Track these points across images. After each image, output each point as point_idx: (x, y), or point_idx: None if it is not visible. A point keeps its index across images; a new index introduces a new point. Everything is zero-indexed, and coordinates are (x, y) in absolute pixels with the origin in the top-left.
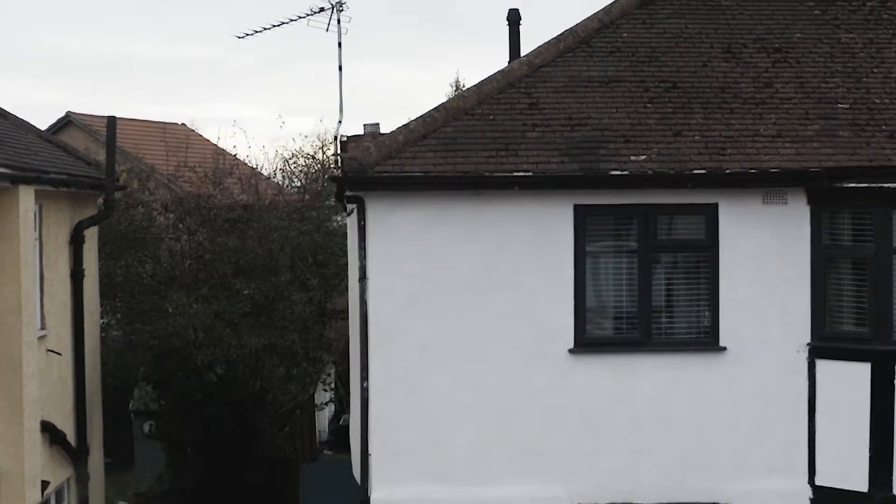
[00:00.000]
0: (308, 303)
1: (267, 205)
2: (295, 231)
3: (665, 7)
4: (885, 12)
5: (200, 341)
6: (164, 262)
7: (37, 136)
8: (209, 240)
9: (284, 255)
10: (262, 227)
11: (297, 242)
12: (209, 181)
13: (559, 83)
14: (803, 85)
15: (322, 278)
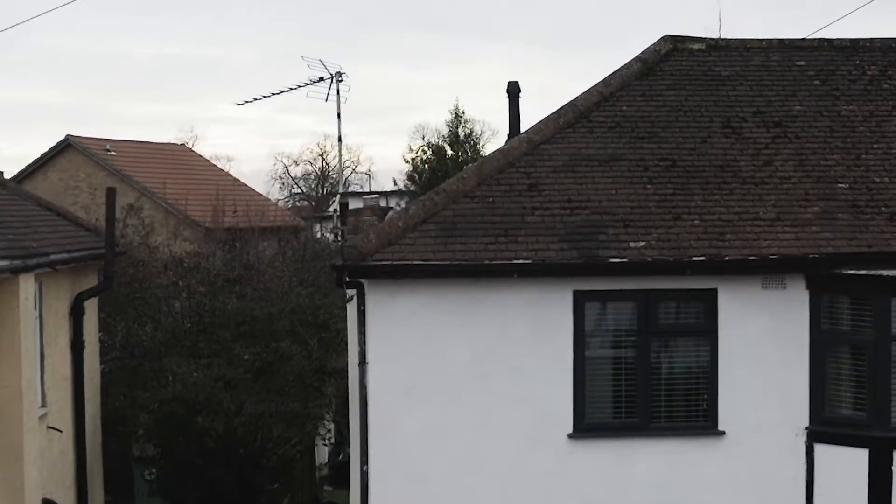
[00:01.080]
0: (308, 358)
1: (267, 263)
2: (295, 295)
3: (665, 78)
4: (885, 82)
5: (200, 404)
6: (165, 321)
7: (36, 204)
8: (209, 298)
9: (284, 318)
10: (262, 289)
11: (296, 305)
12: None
13: (559, 162)
14: (803, 162)
15: (321, 341)
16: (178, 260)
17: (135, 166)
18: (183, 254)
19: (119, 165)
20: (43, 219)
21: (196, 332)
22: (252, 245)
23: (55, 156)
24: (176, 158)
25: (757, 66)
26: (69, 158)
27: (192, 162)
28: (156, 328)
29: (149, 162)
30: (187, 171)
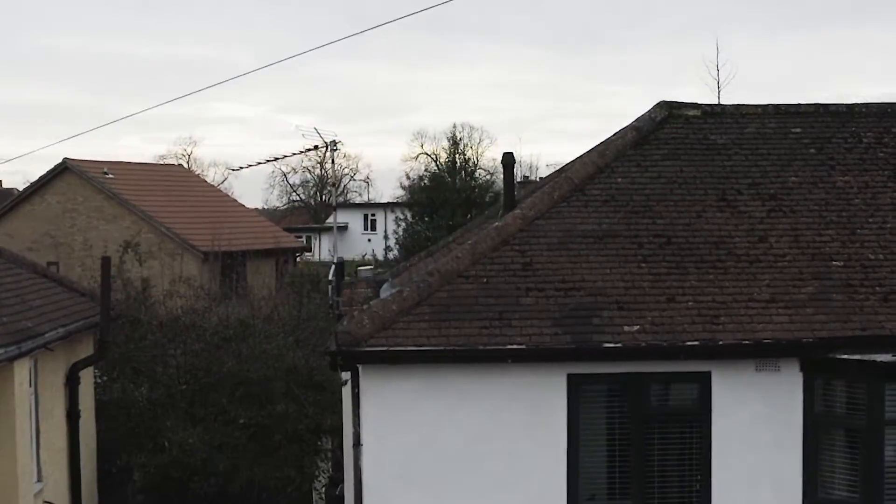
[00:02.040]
0: (304, 418)
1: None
2: (290, 356)
3: (660, 147)
4: (880, 150)
5: (196, 467)
6: (161, 380)
7: (31, 270)
8: (205, 358)
9: (280, 379)
10: (258, 350)
11: (291, 365)
12: (204, 294)
13: (553, 239)
14: (798, 238)
15: (317, 403)
16: (174, 318)
17: (133, 190)
18: (179, 311)
19: (117, 189)
20: (37, 289)
21: (192, 392)
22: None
23: (53, 178)
24: (174, 180)
25: (752, 133)
26: (67, 181)
27: (190, 183)
28: (152, 388)
29: (147, 185)
30: (186, 193)
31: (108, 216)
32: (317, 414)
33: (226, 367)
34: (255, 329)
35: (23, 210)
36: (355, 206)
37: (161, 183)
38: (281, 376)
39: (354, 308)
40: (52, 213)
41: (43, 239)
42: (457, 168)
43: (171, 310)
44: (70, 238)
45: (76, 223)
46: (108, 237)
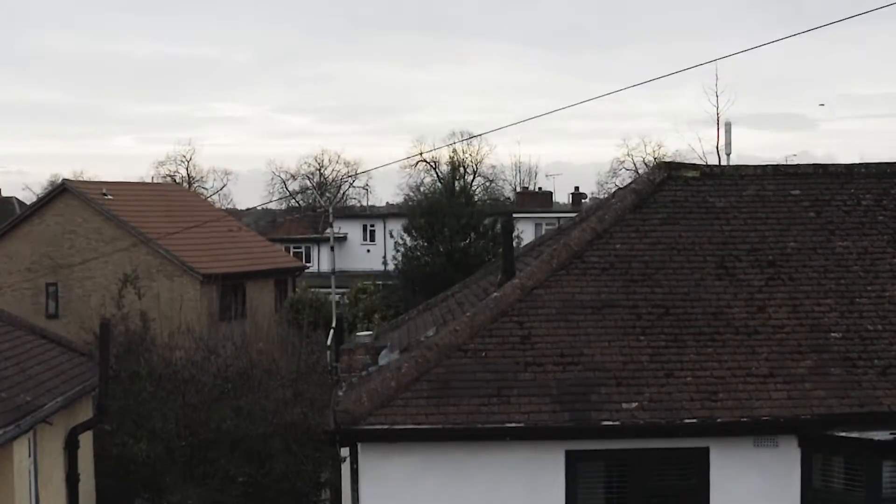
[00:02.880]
0: (302, 473)
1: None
2: (289, 412)
3: (659, 211)
4: (879, 213)
5: None
6: (160, 434)
7: (29, 331)
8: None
9: (278, 436)
10: (257, 406)
11: (290, 422)
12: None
13: (552, 309)
14: (796, 308)
15: (316, 460)
16: (173, 371)
17: (132, 211)
18: (178, 362)
19: (116, 210)
20: (36, 352)
21: (191, 448)
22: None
23: (52, 200)
24: (173, 200)
25: (752, 196)
26: (66, 203)
27: (189, 202)
28: (151, 442)
29: (146, 205)
30: (185, 214)
31: (108, 238)
32: (315, 470)
33: (225, 425)
34: (255, 380)
35: (22, 231)
36: (354, 217)
37: (160, 203)
38: (280, 433)
39: (353, 374)
40: (50, 235)
41: (42, 260)
42: (455, 193)
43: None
44: (69, 259)
45: (75, 244)
46: (108, 259)
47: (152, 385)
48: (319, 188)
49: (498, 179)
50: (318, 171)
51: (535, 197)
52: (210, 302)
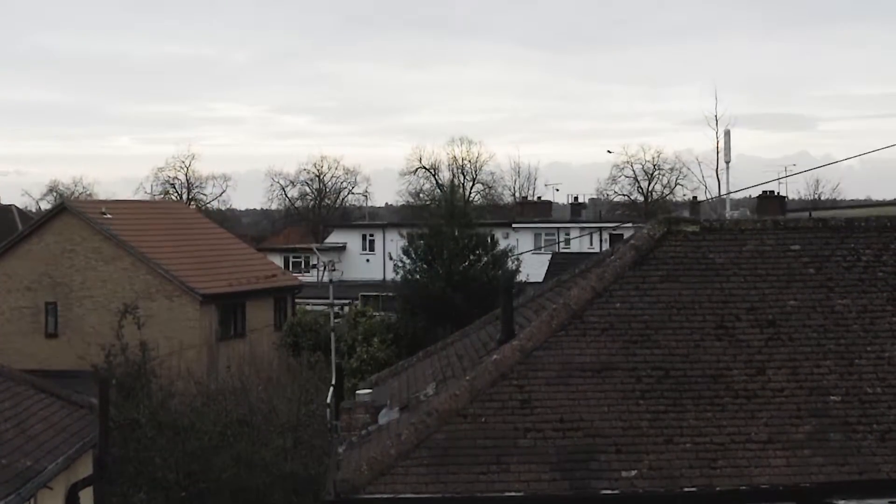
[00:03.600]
0: None
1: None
2: (289, 465)
3: (659, 267)
4: (879, 269)
5: None
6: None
7: (29, 386)
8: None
9: (277, 488)
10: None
11: (290, 472)
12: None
13: (551, 372)
14: (796, 370)
15: None
16: (173, 419)
17: (131, 230)
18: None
19: (115, 229)
20: (36, 409)
21: (191, 498)
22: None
23: (51, 219)
24: (172, 218)
25: (751, 251)
26: (65, 221)
27: (188, 220)
28: (151, 492)
29: (145, 224)
30: (185, 232)
31: (107, 257)
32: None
33: (225, 475)
34: (255, 427)
35: (21, 250)
36: (353, 227)
37: (160, 221)
38: (280, 483)
39: (353, 433)
40: (50, 254)
41: (41, 279)
42: (455, 215)
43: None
44: (69, 278)
45: (74, 263)
46: (107, 278)
47: (152, 430)
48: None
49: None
50: (318, 177)
51: (534, 206)
52: (210, 321)
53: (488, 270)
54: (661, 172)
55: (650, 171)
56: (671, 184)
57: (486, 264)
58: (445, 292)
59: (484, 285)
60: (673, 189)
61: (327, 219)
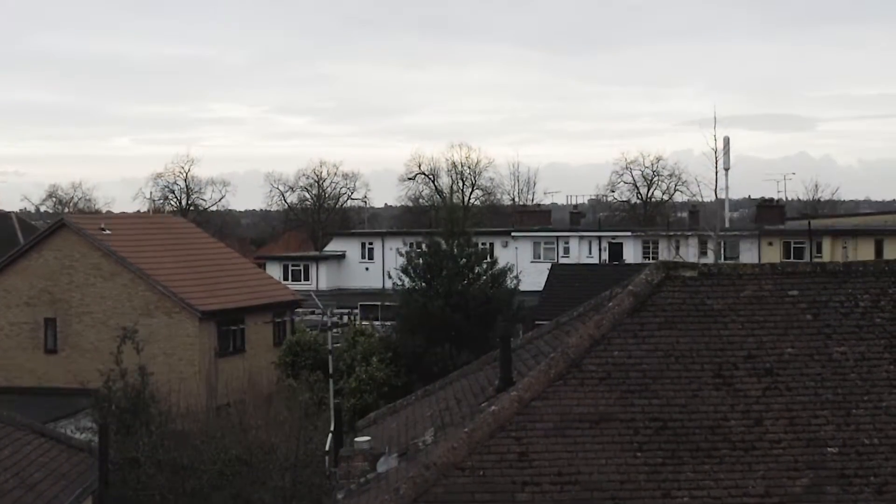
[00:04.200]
0: None
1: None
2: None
3: (657, 314)
4: (877, 315)
5: None
6: None
7: (29, 430)
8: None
9: None
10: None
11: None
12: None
13: (549, 423)
14: (793, 421)
15: None
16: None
17: (130, 245)
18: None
19: (114, 245)
20: (35, 456)
21: None
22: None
23: (50, 235)
24: (171, 233)
25: (749, 297)
26: (64, 237)
27: (187, 235)
28: None
29: (144, 239)
30: (184, 247)
31: (106, 273)
32: None
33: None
34: (254, 467)
35: (20, 265)
36: (353, 235)
37: (159, 236)
38: None
39: (352, 481)
40: (49, 270)
41: (41, 295)
42: (454, 233)
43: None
44: (68, 294)
45: (74, 279)
46: (106, 294)
47: (151, 468)
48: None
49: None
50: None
51: (533, 215)
52: (209, 338)
53: (487, 289)
54: (660, 178)
55: (649, 176)
56: (670, 189)
57: (484, 282)
58: (444, 311)
59: (483, 304)
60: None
61: (326, 224)
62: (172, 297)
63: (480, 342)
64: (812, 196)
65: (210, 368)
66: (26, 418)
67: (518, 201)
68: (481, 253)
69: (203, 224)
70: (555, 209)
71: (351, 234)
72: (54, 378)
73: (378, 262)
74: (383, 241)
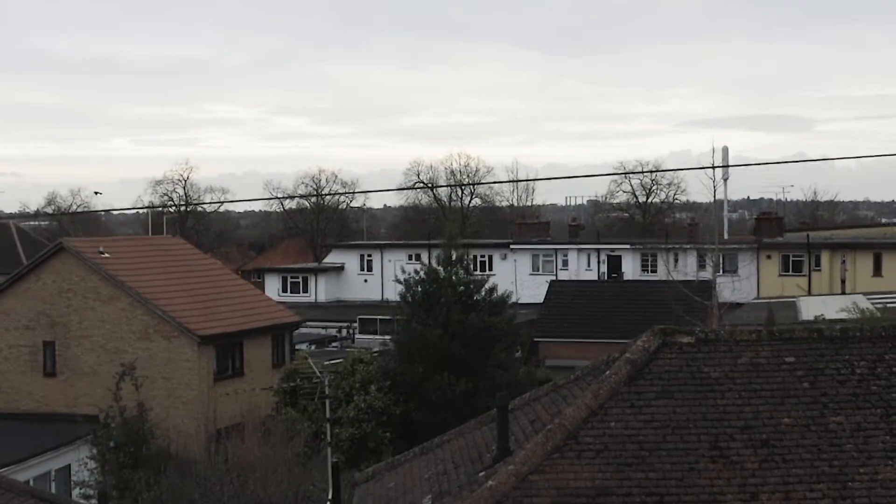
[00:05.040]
0: None
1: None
2: None
3: (654, 383)
4: (873, 382)
5: None
6: None
7: (29, 496)
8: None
9: None
10: None
11: None
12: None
13: (546, 498)
14: (789, 495)
15: None
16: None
17: (128, 269)
18: None
19: (112, 269)
20: None
21: None
22: None
23: (49, 258)
24: (169, 255)
25: (746, 364)
26: (62, 261)
27: (185, 257)
28: None
29: (143, 262)
30: (181, 269)
31: (105, 297)
32: None
33: None
34: None
35: (19, 288)
36: (351, 247)
37: (157, 259)
38: None
39: None
40: (47, 293)
41: (39, 318)
42: (452, 262)
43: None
44: (66, 318)
45: (72, 303)
46: (105, 318)
47: None
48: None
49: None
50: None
51: (532, 227)
52: (208, 362)
53: (485, 317)
54: (658, 187)
55: (648, 185)
56: (669, 198)
57: (483, 310)
58: (443, 340)
59: (482, 332)
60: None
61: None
62: (171, 321)
63: (479, 371)
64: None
65: (209, 392)
66: (28, 449)
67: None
68: (479, 281)
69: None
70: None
71: (350, 246)
72: (53, 401)
73: (377, 273)
74: (382, 253)
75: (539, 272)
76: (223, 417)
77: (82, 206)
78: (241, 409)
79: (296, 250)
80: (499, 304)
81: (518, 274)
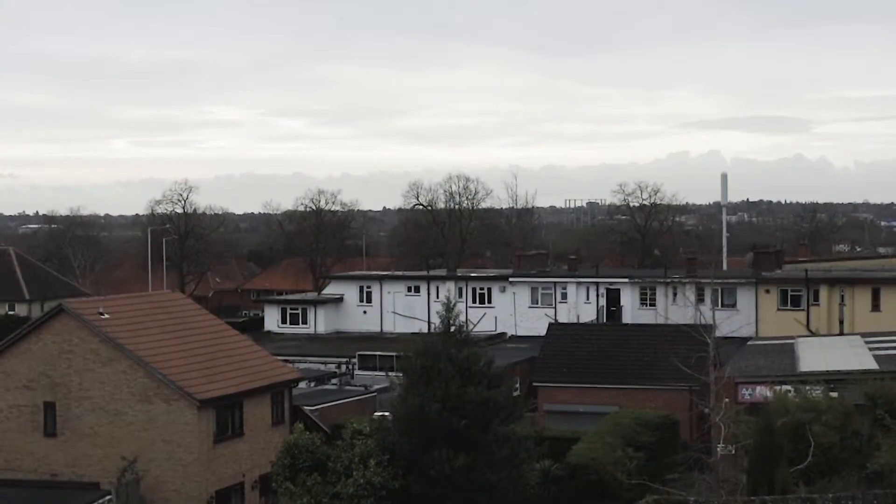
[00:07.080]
0: None
1: None
2: None
3: None
4: None
5: None
6: None
7: None
8: None
9: None
10: None
11: None
12: None
13: None
14: None
15: None
16: None
17: (128, 329)
18: None
19: (112, 330)
20: None
21: None
22: None
23: (49, 319)
24: (168, 313)
25: None
26: (63, 322)
27: (184, 313)
28: None
29: (142, 321)
30: (180, 327)
31: (104, 359)
32: None
33: None
34: None
35: (20, 348)
36: (351, 279)
37: (156, 317)
38: None
39: None
40: (48, 354)
41: (40, 378)
42: (451, 333)
43: None
44: (67, 378)
45: (73, 364)
46: (105, 380)
47: None
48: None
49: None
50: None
51: (530, 260)
52: (207, 424)
53: (484, 391)
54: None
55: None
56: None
57: (481, 385)
58: (441, 414)
59: (480, 405)
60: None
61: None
62: (171, 384)
63: (478, 444)
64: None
65: (208, 454)
66: None
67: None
68: (477, 354)
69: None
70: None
71: (349, 278)
72: (54, 462)
73: (376, 305)
74: (381, 285)
75: (538, 305)
76: (224, 478)
77: (80, 221)
78: (241, 469)
79: (296, 270)
80: (498, 378)
81: (517, 307)
